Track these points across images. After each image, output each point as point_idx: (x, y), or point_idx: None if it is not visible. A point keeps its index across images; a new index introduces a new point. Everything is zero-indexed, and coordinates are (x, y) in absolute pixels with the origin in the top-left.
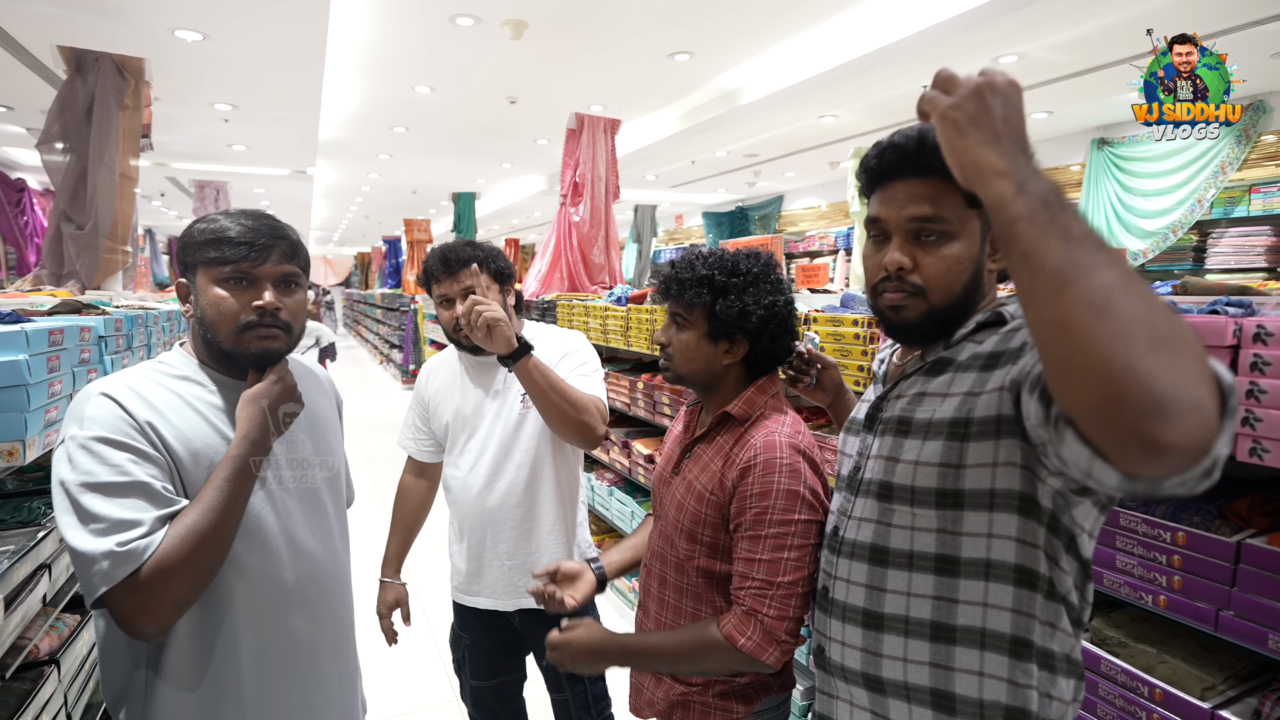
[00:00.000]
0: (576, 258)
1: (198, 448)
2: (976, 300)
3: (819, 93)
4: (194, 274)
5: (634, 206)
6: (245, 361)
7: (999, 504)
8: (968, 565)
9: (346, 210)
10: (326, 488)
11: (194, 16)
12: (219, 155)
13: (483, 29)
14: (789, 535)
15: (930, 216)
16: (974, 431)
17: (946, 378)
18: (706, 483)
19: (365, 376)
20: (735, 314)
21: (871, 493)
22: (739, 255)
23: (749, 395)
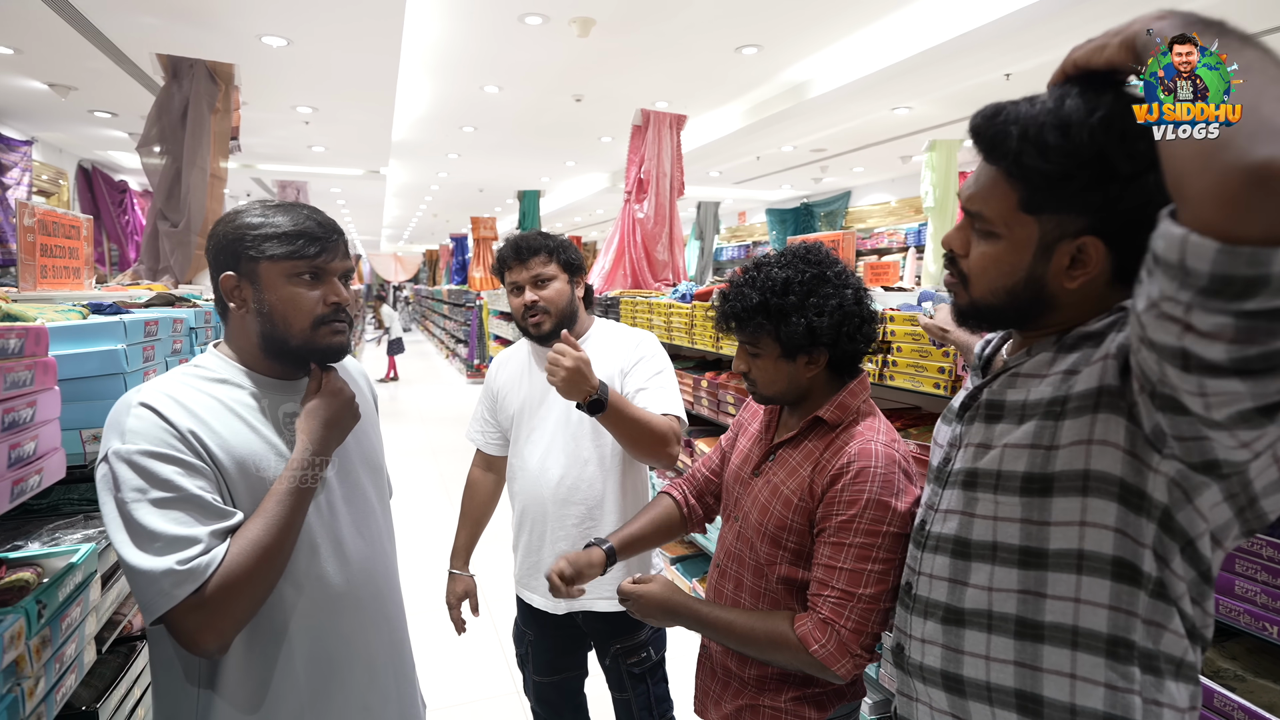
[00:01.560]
0: (640, 254)
1: (242, 455)
2: (1039, 310)
3: (893, 84)
4: (254, 268)
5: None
6: (315, 357)
7: (1094, 488)
8: (1057, 557)
9: (416, 208)
10: (371, 485)
11: (279, 23)
12: (299, 156)
13: (550, 27)
14: (874, 548)
15: (974, 213)
16: (1071, 408)
17: (1047, 356)
18: (795, 488)
19: (431, 370)
20: (803, 333)
21: (957, 483)
22: (788, 267)
23: (841, 400)
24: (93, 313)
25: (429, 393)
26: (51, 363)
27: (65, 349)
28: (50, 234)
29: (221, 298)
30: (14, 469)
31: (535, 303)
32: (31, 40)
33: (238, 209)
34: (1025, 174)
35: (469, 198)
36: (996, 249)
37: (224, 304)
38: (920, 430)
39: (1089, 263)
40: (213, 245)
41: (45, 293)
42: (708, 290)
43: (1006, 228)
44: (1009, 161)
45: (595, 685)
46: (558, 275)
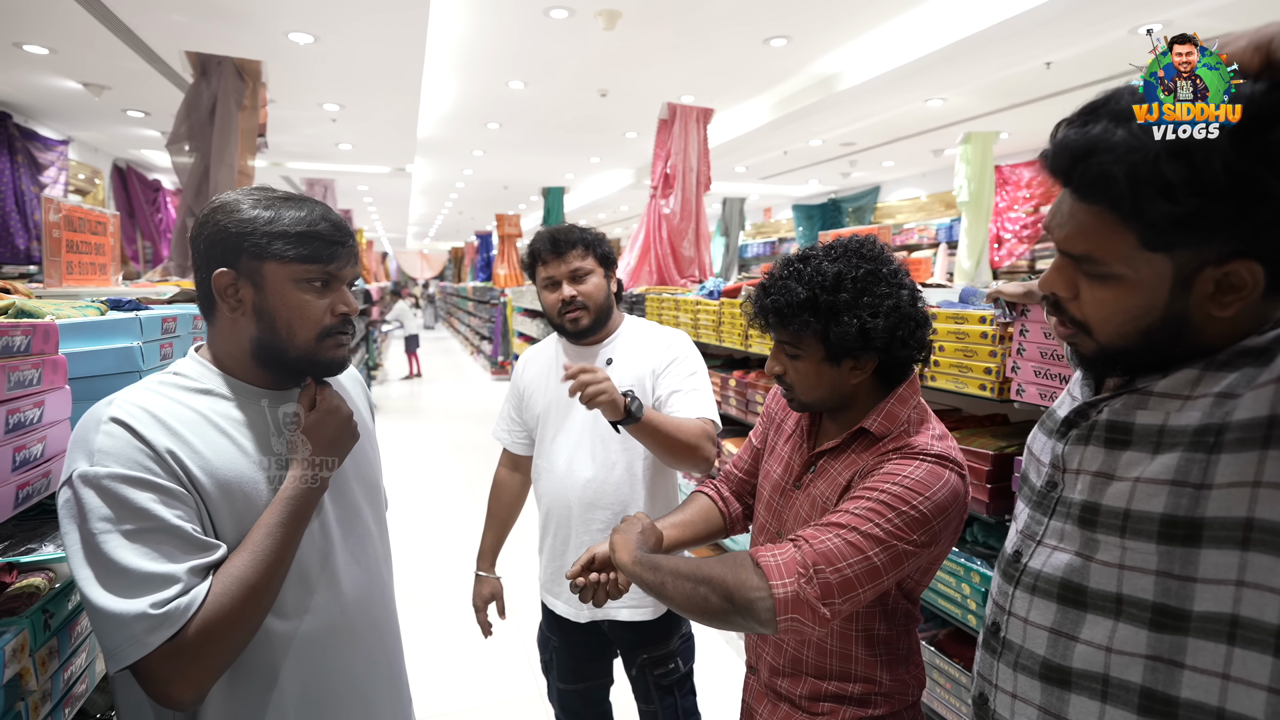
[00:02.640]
0: (666, 250)
1: (227, 477)
2: (1180, 345)
3: (927, 74)
4: (257, 268)
5: (722, 199)
6: (314, 370)
7: (1259, 541)
8: (1202, 622)
9: (442, 206)
10: (368, 506)
11: (306, 20)
12: (326, 154)
13: (576, 21)
14: (895, 512)
15: (1079, 256)
16: (1229, 439)
17: (1192, 374)
18: (833, 498)
19: (456, 367)
20: (855, 334)
21: (1071, 516)
22: (839, 260)
23: (889, 408)
24: (111, 309)
25: (453, 389)
26: (61, 361)
27: (78, 346)
28: (76, 230)
29: (209, 295)
30: (19, 472)
31: (574, 298)
32: (65, 40)
33: (234, 196)
34: (1144, 216)
35: (494, 195)
36: (1118, 292)
37: (211, 302)
38: (962, 435)
39: (1243, 287)
40: (207, 235)
41: (70, 288)
42: (736, 287)
43: (1130, 267)
44: (1123, 208)
45: (622, 695)
46: (595, 269)
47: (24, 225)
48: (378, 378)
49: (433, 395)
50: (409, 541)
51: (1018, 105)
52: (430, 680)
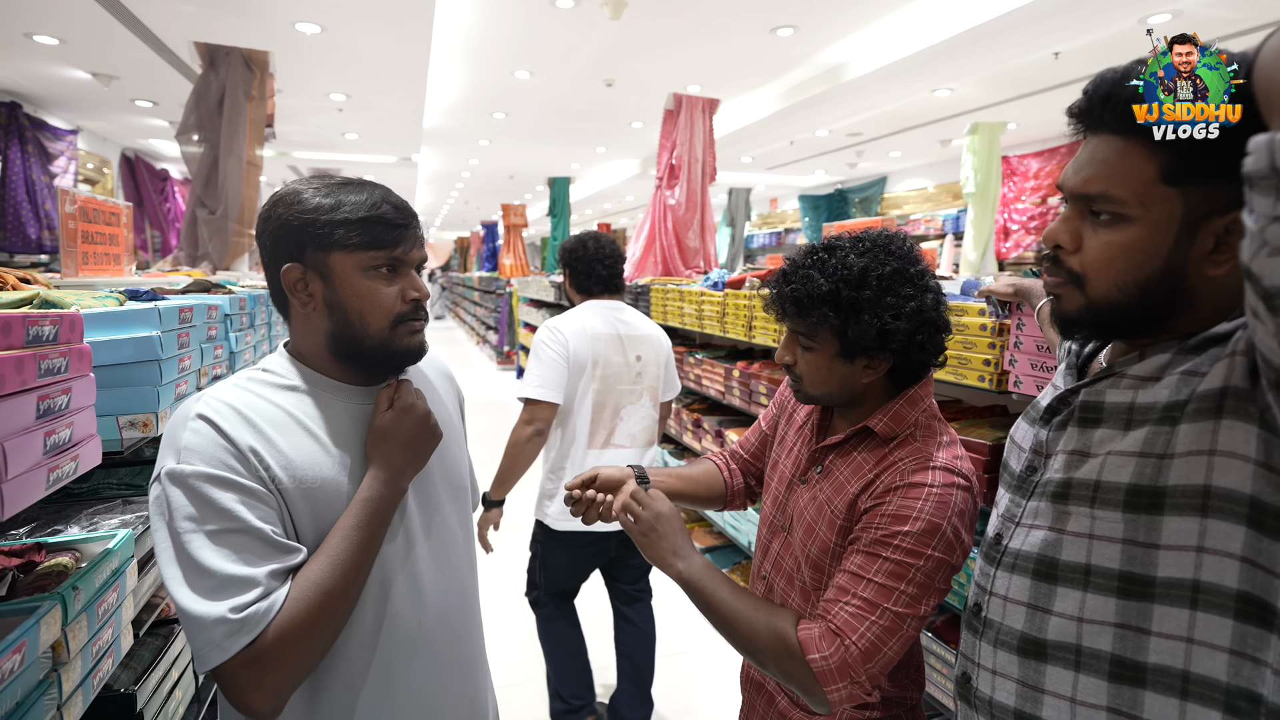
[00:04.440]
0: (671, 241)
1: (308, 476)
2: (1173, 307)
3: (934, 64)
4: (324, 260)
5: (728, 189)
6: (392, 360)
7: (1217, 508)
8: (1166, 587)
9: (448, 195)
10: (454, 510)
11: (313, 10)
12: (333, 144)
13: (582, 10)
14: (914, 569)
15: (1094, 195)
16: (1190, 410)
17: (1164, 358)
18: (840, 508)
19: (462, 356)
20: (874, 334)
21: (1046, 494)
22: (867, 255)
23: (896, 409)
24: (129, 299)
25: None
26: (86, 349)
27: (101, 335)
28: (91, 221)
29: (281, 292)
30: (50, 456)
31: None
32: (75, 30)
33: (295, 187)
34: (1171, 142)
35: (500, 185)
36: (1126, 235)
37: (284, 299)
38: (961, 425)
39: (1238, 243)
40: (271, 230)
41: (86, 279)
42: (740, 278)
43: (1143, 206)
44: (1144, 126)
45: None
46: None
47: (35, 215)
48: None
49: None
50: None
51: (1026, 95)
52: None
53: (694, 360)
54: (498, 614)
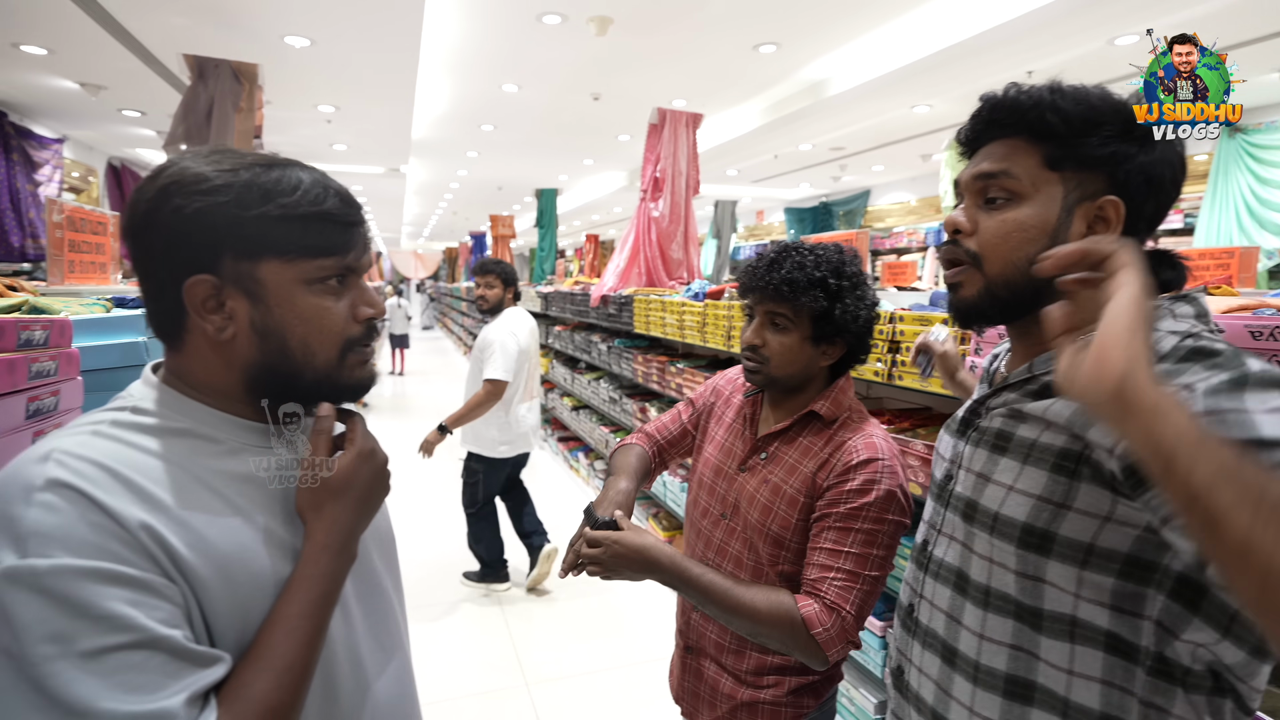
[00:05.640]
0: (655, 253)
1: (224, 552)
2: (1052, 287)
3: (913, 81)
4: (251, 270)
5: (714, 202)
6: (336, 396)
7: (1095, 564)
8: (1051, 620)
9: (436, 206)
10: (384, 565)
11: (302, 24)
12: (322, 155)
13: (569, 26)
14: (880, 534)
15: (995, 171)
16: (1086, 474)
17: (1049, 401)
18: (799, 487)
19: (450, 366)
20: (849, 319)
21: (959, 509)
22: (839, 254)
23: (835, 395)
24: (116, 306)
25: (447, 389)
26: (75, 354)
27: (89, 341)
28: (78, 230)
29: (177, 314)
30: None
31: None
32: (63, 41)
33: (192, 167)
34: (1049, 130)
35: (488, 196)
36: (1019, 212)
37: (179, 320)
38: (929, 430)
39: (1109, 223)
40: (163, 229)
41: (72, 287)
42: (719, 289)
43: (1033, 185)
44: (1030, 122)
45: None
46: (495, 284)
47: (18, 223)
48: None
49: (426, 394)
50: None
51: None
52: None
53: (675, 370)
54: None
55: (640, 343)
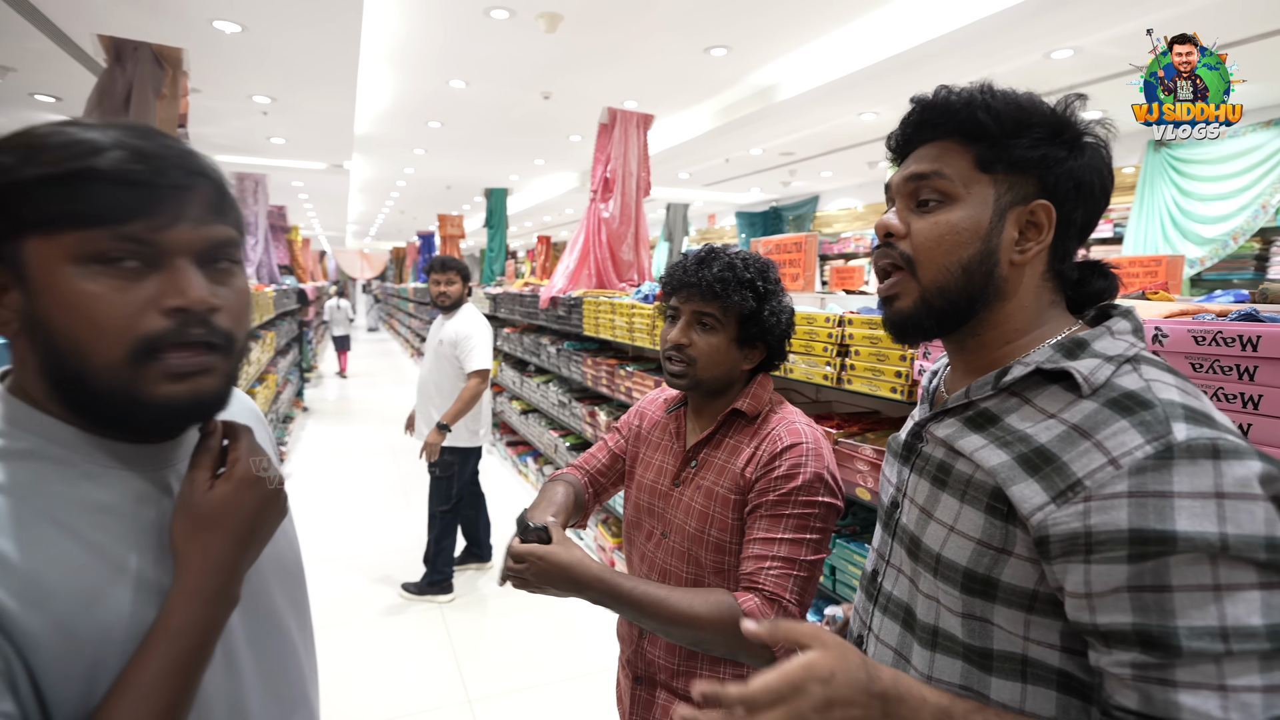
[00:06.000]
0: (605, 254)
1: (66, 600)
2: (988, 296)
3: (860, 88)
4: (15, 245)
5: (666, 205)
6: (145, 421)
7: (1040, 608)
8: (1002, 660)
9: (383, 205)
10: (287, 603)
11: (232, 7)
12: (258, 148)
13: (517, 22)
14: (811, 517)
15: (927, 172)
16: (1019, 520)
17: (981, 440)
18: (729, 485)
19: (396, 369)
20: (774, 322)
21: (904, 543)
22: (763, 260)
23: (754, 392)
24: None
25: (392, 393)
26: None
27: None
28: None
29: None
30: None
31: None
32: None
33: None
34: (980, 130)
35: (436, 195)
36: (951, 214)
37: None
38: (878, 435)
39: (1041, 228)
40: None
41: None
42: None
43: (965, 187)
44: (961, 122)
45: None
46: (455, 280)
47: None
48: (312, 380)
49: (371, 398)
50: (337, 548)
51: None
52: (355, 690)
53: (625, 373)
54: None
55: (590, 345)
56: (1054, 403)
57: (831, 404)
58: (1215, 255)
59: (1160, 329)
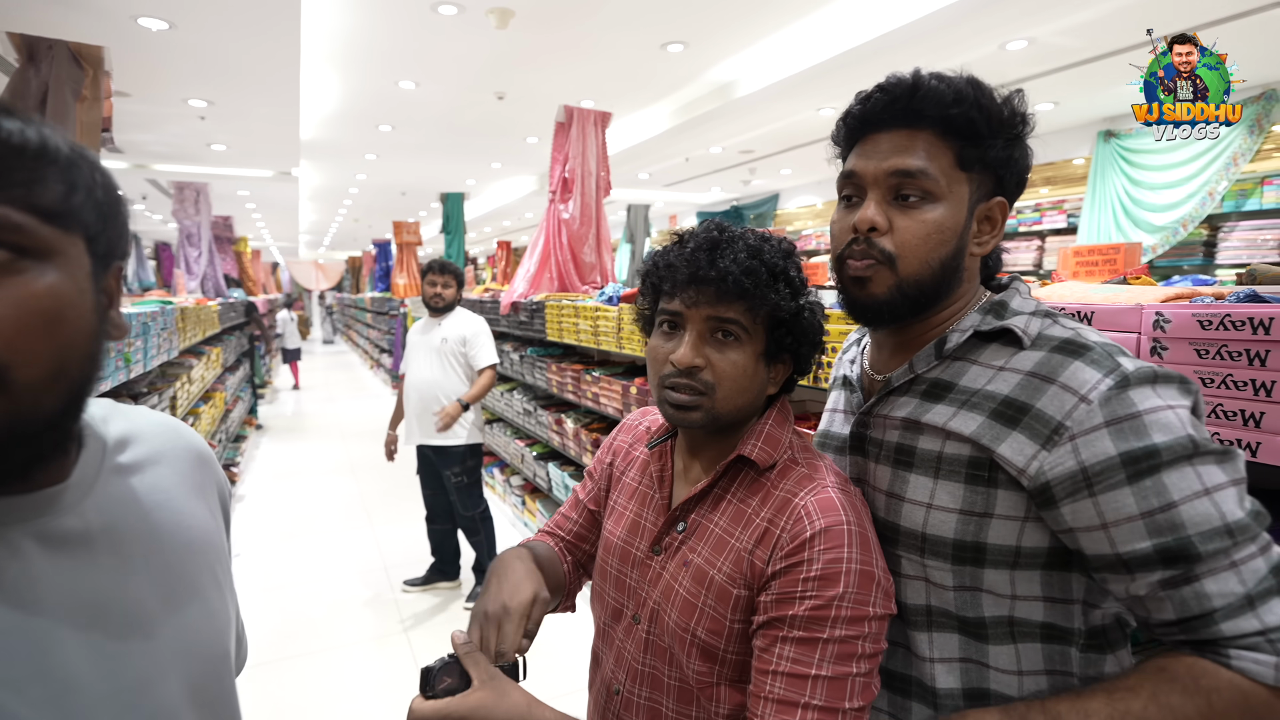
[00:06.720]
0: (566, 256)
1: None
2: (953, 285)
3: (817, 83)
4: None
5: (627, 206)
6: None
7: (1024, 563)
8: (993, 625)
9: (335, 213)
10: (191, 703)
11: (158, 4)
12: (198, 155)
13: (466, 19)
14: (860, 639)
15: (915, 170)
16: (1002, 480)
17: (948, 410)
18: (731, 571)
19: (355, 381)
20: (810, 325)
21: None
22: (784, 240)
23: (768, 430)
24: None
25: (351, 406)
26: None
27: None
28: None
29: None
30: None
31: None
32: None
33: None
34: (967, 129)
35: (391, 201)
36: (936, 214)
37: None
38: None
39: (995, 223)
40: None
41: None
42: (634, 292)
43: (948, 186)
44: (949, 117)
45: None
46: (452, 284)
47: None
48: (266, 396)
49: (328, 412)
50: (293, 573)
51: None
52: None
53: (591, 379)
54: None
55: (554, 351)
56: (997, 357)
57: (805, 403)
58: (1166, 243)
59: (1161, 314)
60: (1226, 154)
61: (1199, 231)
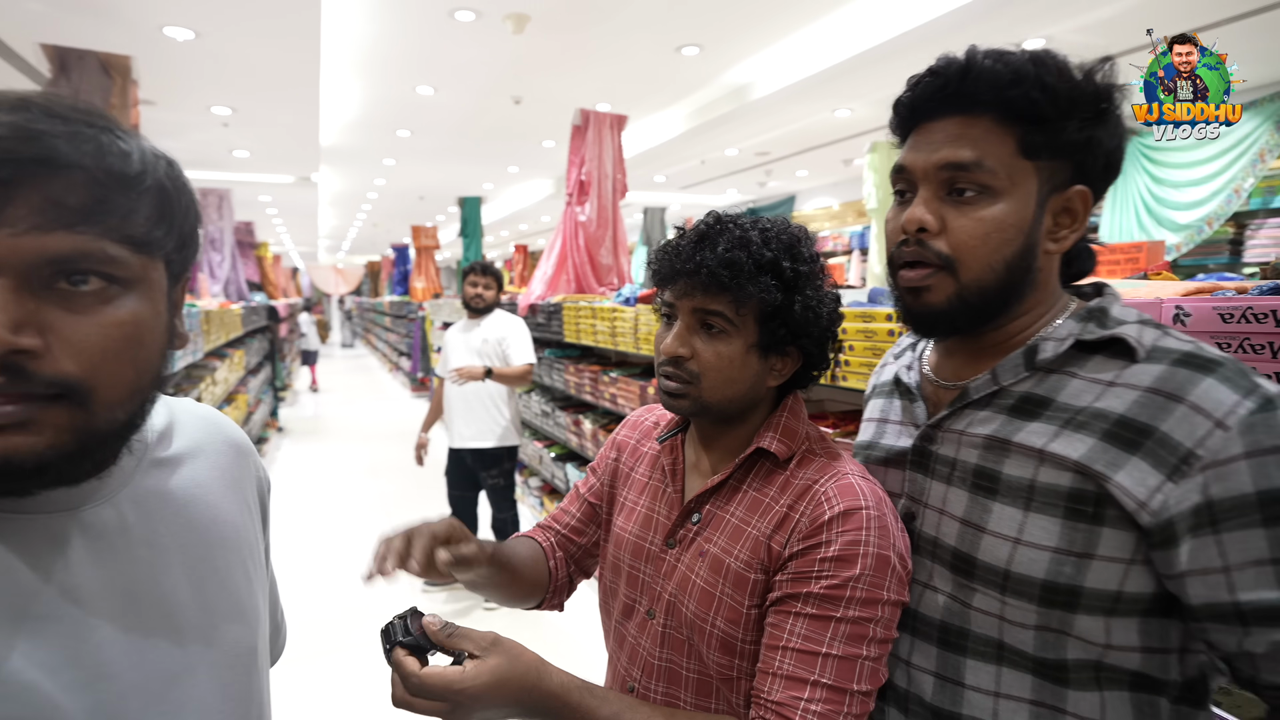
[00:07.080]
0: (583, 258)
1: None
2: (1024, 288)
3: (833, 85)
4: None
5: (643, 209)
6: None
7: (1123, 610)
8: (1076, 669)
9: (354, 218)
10: (221, 700)
11: (183, 13)
12: (221, 162)
13: (484, 24)
14: (872, 623)
15: (968, 163)
16: (1110, 517)
17: (1046, 429)
18: (748, 558)
19: (374, 385)
20: (811, 317)
21: (941, 560)
22: (791, 230)
23: (785, 423)
24: None
25: (371, 408)
26: None
27: None
28: None
29: None
30: None
31: (478, 294)
32: None
33: None
34: (1030, 111)
35: (409, 206)
36: (996, 210)
37: None
38: None
39: (1076, 215)
40: None
41: None
42: (651, 292)
43: (1009, 178)
44: (1011, 98)
45: None
46: (493, 285)
47: None
48: (286, 399)
49: (348, 415)
50: (318, 573)
51: None
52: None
53: (608, 379)
54: None
55: (571, 352)
56: (1105, 370)
57: (824, 402)
58: (1190, 241)
59: (1181, 308)
60: (1253, 150)
61: (1225, 229)
